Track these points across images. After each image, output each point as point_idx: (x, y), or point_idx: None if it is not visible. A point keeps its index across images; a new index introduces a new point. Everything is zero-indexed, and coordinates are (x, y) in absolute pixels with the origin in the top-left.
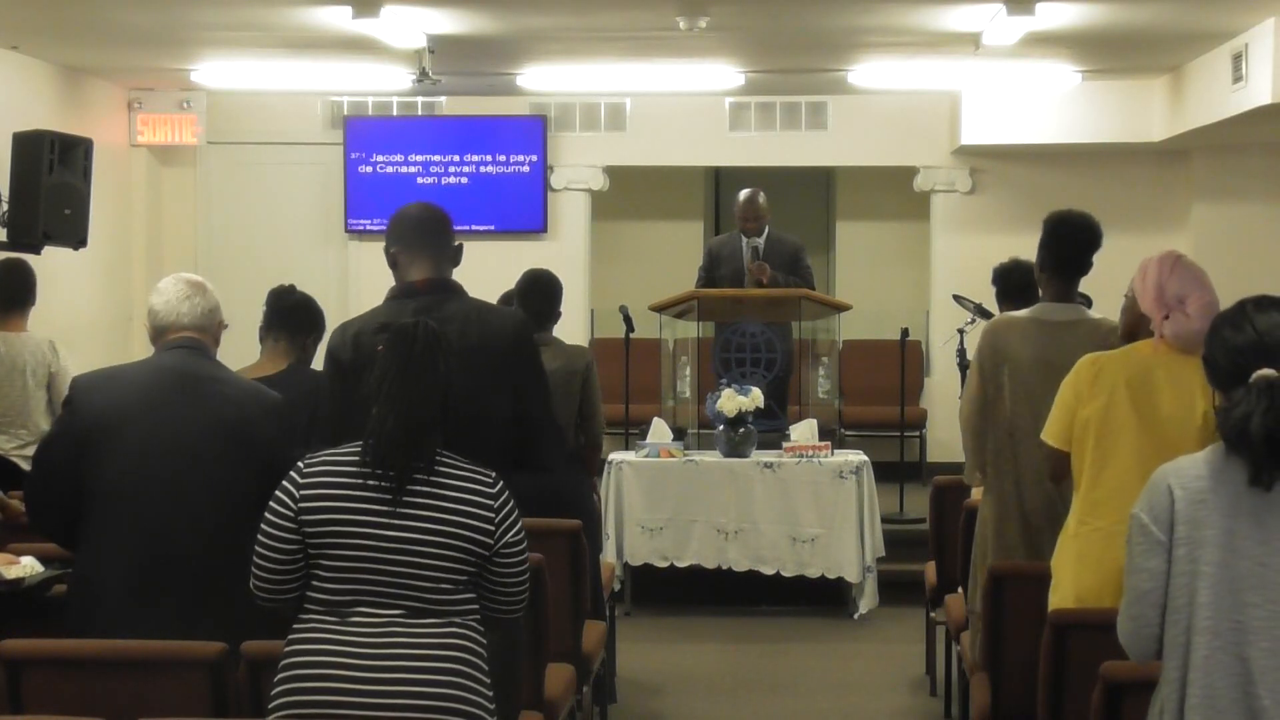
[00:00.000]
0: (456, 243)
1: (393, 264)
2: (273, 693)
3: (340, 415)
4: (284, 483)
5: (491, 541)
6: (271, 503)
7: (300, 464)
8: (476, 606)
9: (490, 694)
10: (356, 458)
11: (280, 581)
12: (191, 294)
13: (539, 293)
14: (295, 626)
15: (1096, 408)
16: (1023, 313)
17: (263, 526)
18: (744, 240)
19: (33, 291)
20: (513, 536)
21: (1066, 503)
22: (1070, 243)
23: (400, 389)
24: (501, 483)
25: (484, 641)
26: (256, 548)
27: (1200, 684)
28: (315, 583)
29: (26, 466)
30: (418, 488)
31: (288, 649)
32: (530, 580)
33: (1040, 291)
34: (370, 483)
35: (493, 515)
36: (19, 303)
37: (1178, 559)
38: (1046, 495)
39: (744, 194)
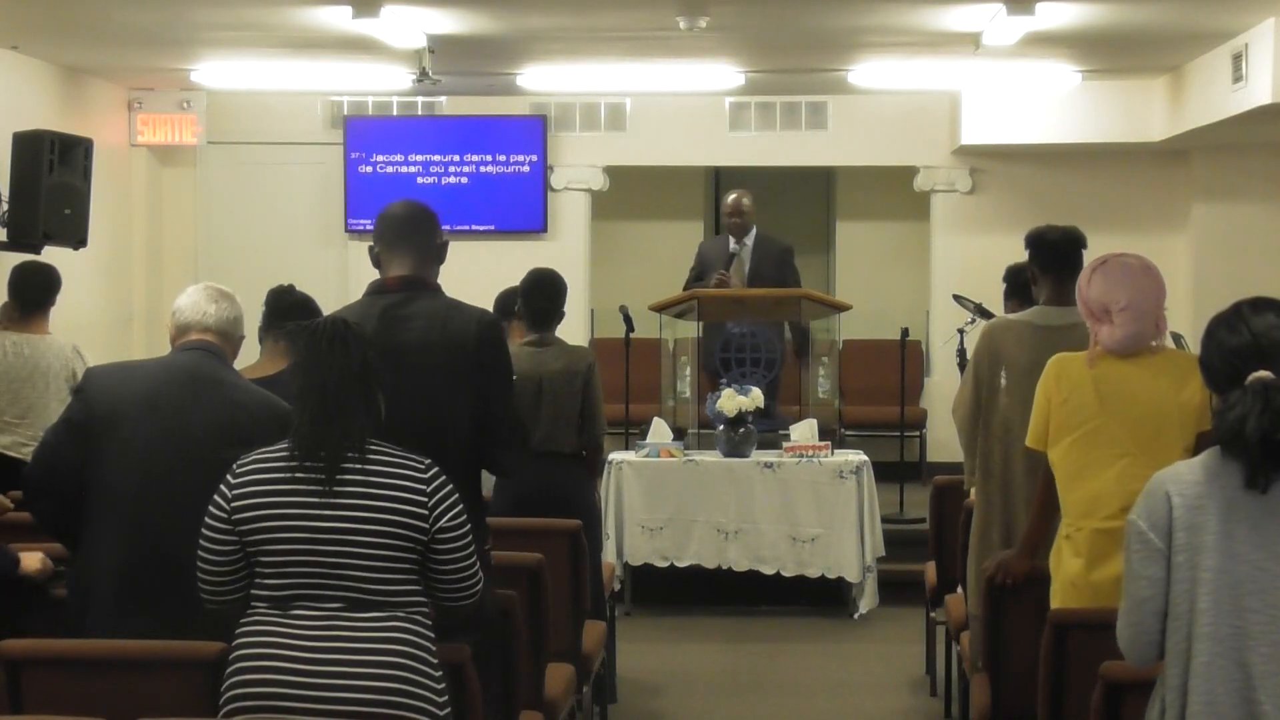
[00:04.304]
0: (441, 240)
1: (375, 263)
2: (222, 688)
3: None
4: (220, 485)
5: (427, 526)
6: (209, 506)
7: (234, 466)
8: (421, 599)
9: (440, 686)
10: (286, 454)
11: (221, 583)
12: (219, 298)
13: (543, 292)
14: (241, 622)
15: (1065, 406)
16: (1019, 316)
17: (202, 530)
18: (730, 242)
19: (53, 294)
20: (449, 521)
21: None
22: (1051, 247)
23: (312, 379)
24: (436, 468)
25: (431, 634)
26: (199, 551)
27: (1201, 690)
28: (258, 579)
29: None
30: (348, 477)
31: (234, 644)
32: (479, 567)
33: (1038, 296)
34: (300, 475)
35: (425, 499)
36: (40, 305)
37: (1177, 566)
38: (1029, 501)
39: (730, 193)
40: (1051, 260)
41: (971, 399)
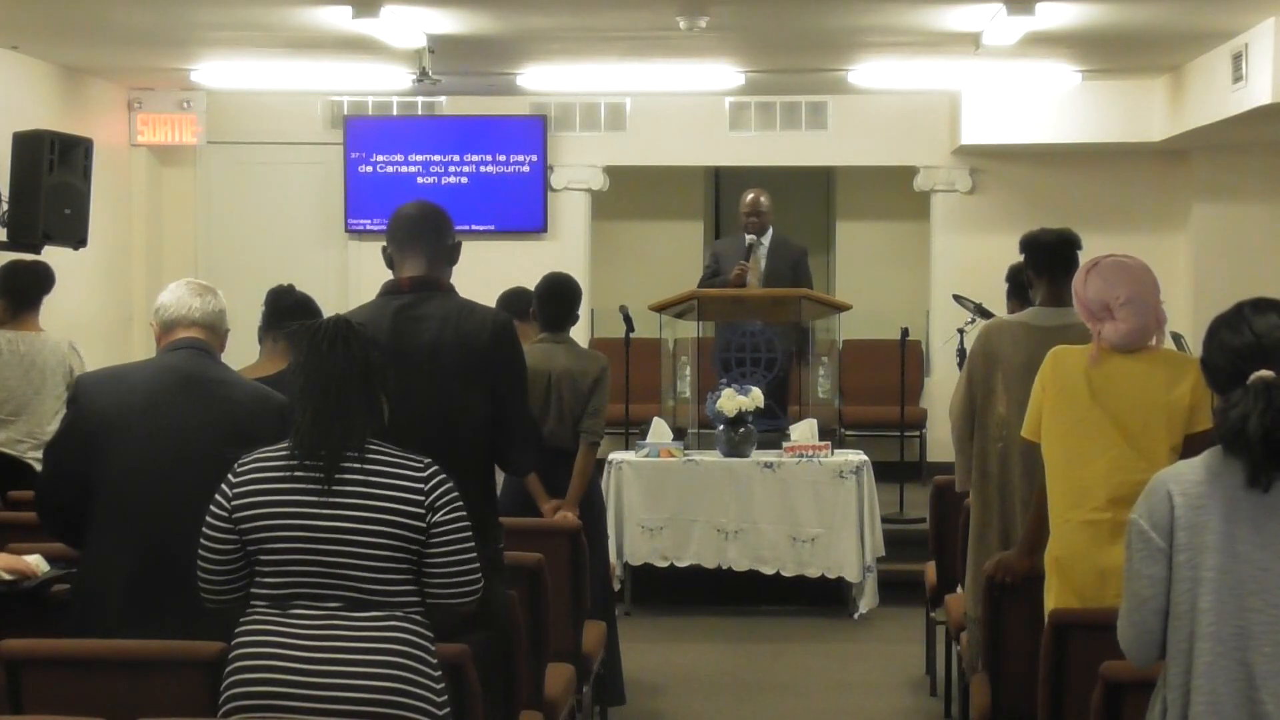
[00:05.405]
0: (453, 241)
1: (389, 263)
2: (222, 687)
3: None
4: (221, 484)
5: (424, 525)
6: (210, 505)
7: (235, 466)
8: (418, 599)
9: (439, 686)
10: (286, 453)
11: (222, 582)
12: (202, 292)
13: (560, 296)
14: (241, 620)
15: (1058, 399)
16: (1015, 316)
17: (203, 529)
18: (745, 239)
19: (45, 290)
20: (444, 516)
21: None
22: (1045, 249)
23: (313, 378)
24: (435, 467)
25: (429, 634)
26: (199, 550)
27: (1204, 690)
28: (257, 578)
29: (36, 464)
30: (348, 477)
31: (233, 644)
32: (479, 568)
33: (1034, 298)
34: (299, 474)
35: (423, 498)
36: (32, 302)
37: (1179, 565)
38: (1026, 502)
39: (747, 192)
40: (1046, 262)
41: (966, 399)
